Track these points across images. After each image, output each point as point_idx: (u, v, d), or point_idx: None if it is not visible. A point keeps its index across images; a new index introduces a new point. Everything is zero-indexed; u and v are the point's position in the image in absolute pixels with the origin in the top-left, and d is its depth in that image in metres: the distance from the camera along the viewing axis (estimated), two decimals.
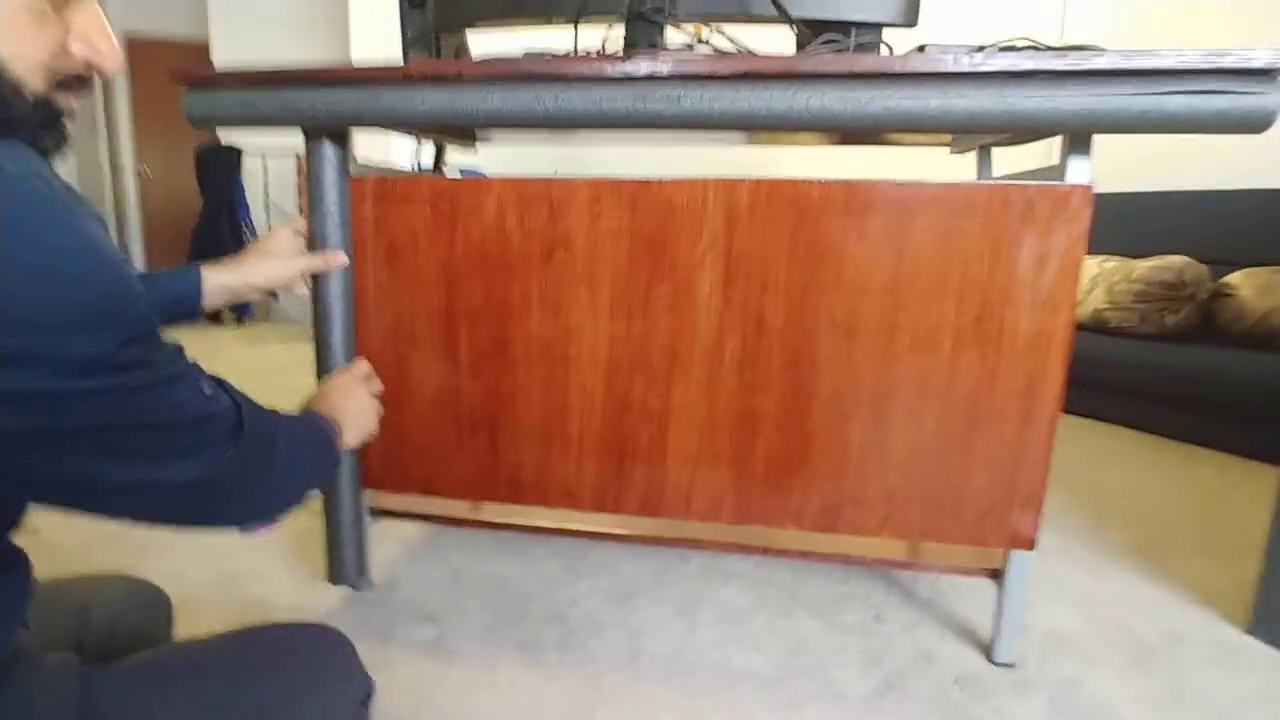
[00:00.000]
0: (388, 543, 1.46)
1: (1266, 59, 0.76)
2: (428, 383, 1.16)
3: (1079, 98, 0.79)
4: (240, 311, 4.60)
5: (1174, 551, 1.52)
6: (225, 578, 1.32)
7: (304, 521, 1.56)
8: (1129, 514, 1.72)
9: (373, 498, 1.27)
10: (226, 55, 4.48)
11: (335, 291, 1.12)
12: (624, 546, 1.46)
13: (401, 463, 1.20)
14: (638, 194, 1.01)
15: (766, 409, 1.04)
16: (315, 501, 1.58)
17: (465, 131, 1.50)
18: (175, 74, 1.01)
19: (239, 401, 0.56)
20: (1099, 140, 0.90)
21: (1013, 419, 0.99)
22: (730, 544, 1.22)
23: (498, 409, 1.14)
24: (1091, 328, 2.53)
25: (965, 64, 0.81)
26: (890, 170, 1.04)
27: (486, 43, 1.22)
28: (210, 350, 3.64)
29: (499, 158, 3.30)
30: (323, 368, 1.15)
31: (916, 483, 1.03)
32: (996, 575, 1.10)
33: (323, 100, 0.97)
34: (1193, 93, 0.77)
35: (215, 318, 4.58)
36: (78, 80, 0.50)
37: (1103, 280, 2.50)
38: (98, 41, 0.50)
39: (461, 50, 1.27)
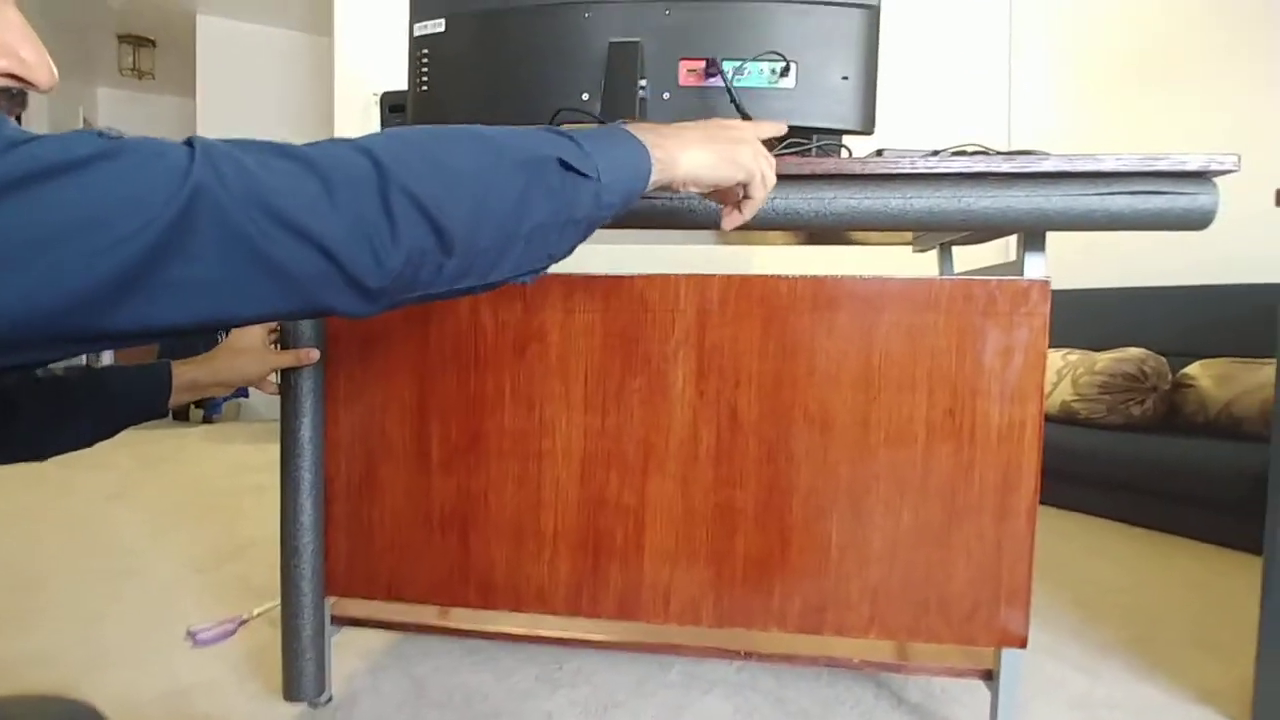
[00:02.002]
0: (349, 652, 1.38)
1: (1199, 162, 0.81)
2: (398, 481, 1.12)
3: (1029, 198, 0.84)
4: (209, 410, 4.51)
5: (1168, 648, 1.48)
6: (173, 694, 1.22)
7: (260, 633, 1.46)
8: (1119, 609, 1.69)
9: (334, 605, 1.21)
10: None
11: (305, 388, 1.10)
12: (601, 654, 1.39)
13: (367, 567, 1.15)
14: (611, 289, 1.03)
15: (744, 504, 1.03)
16: (274, 611, 1.50)
17: None
18: None
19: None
20: (1057, 239, 0.94)
21: (991, 512, 0.98)
22: (711, 649, 1.17)
23: (469, 507, 1.11)
24: (1062, 419, 2.56)
25: (922, 166, 0.85)
26: (858, 268, 1.08)
27: None
28: (176, 449, 3.54)
29: None
30: (288, 466, 1.12)
31: (900, 580, 1.00)
32: (989, 676, 1.05)
33: None
34: (1134, 193, 0.82)
35: (182, 415, 4.49)
36: (5, 97, 0.44)
37: (1068, 372, 2.56)
38: (22, 49, 0.43)
39: None
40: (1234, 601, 1.74)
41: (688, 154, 0.61)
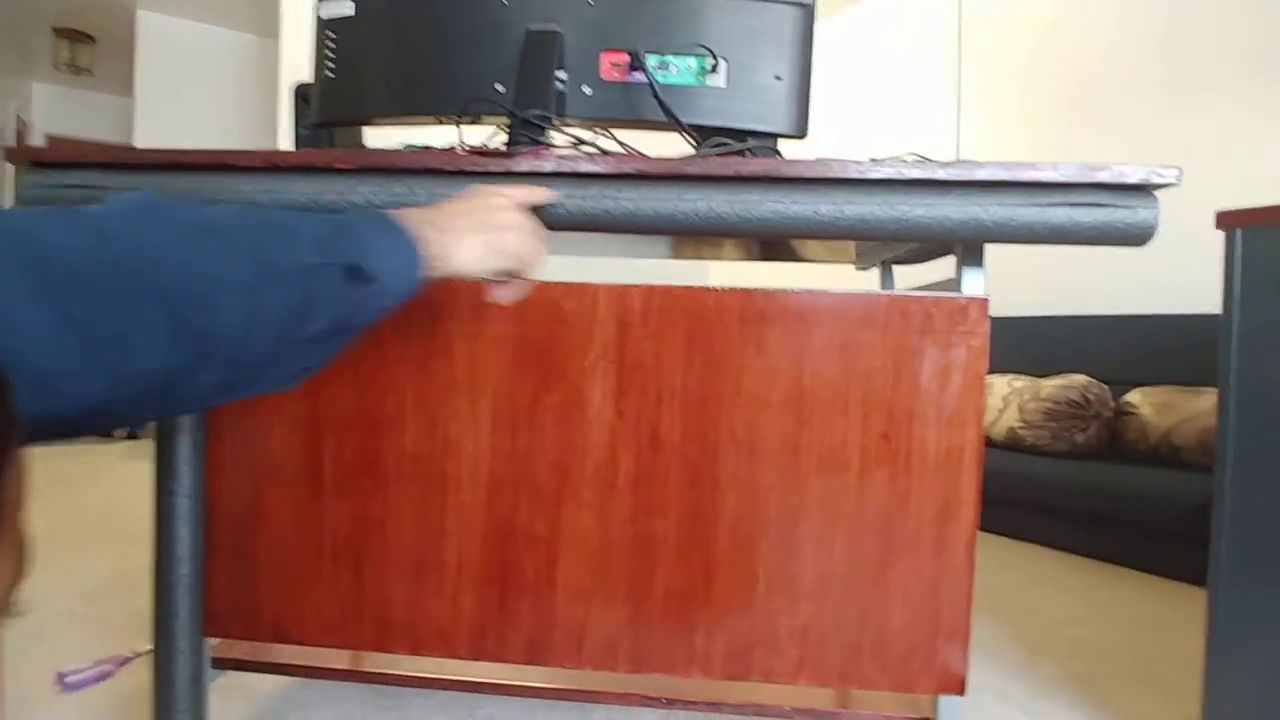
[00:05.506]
0: (235, 698, 1.24)
1: (1140, 175, 0.76)
2: (285, 508, 1.01)
3: (966, 207, 0.78)
4: (135, 426, 4.24)
5: (1112, 683, 1.43)
6: None
7: (142, 675, 1.31)
8: (1064, 642, 1.64)
9: (217, 646, 1.08)
10: None
11: None
12: (517, 700, 1.28)
13: (250, 604, 1.02)
14: None
15: (665, 534, 0.94)
16: (147, 654, 1.35)
17: None
18: (8, 151, 0.91)
19: None
20: (1001, 264, 0.89)
21: (929, 545, 0.91)
22: (632, 695, 1.06)
23: (364, 536, 0.99)
24: (1008, 446, 2.55)
25: (853, 170, 0.79)
26: (804, 284, 1.01)
27: (385, 140, 1.17)
28: (86, 469, 3.31)
29: None
30: (163, 490, 0.99)
31: (831, 619, 0.92)
32: None
33: (177, 187, 0.88)
34: (1074, 205, 0.77)
35: (105, 433, 4.22)
36: None
37: (1014, 399, 2.55)
38: None
39: (357, 147, 1.22)
40: (1176, 634, 1.70)
41: (459, 248, 0.59)
